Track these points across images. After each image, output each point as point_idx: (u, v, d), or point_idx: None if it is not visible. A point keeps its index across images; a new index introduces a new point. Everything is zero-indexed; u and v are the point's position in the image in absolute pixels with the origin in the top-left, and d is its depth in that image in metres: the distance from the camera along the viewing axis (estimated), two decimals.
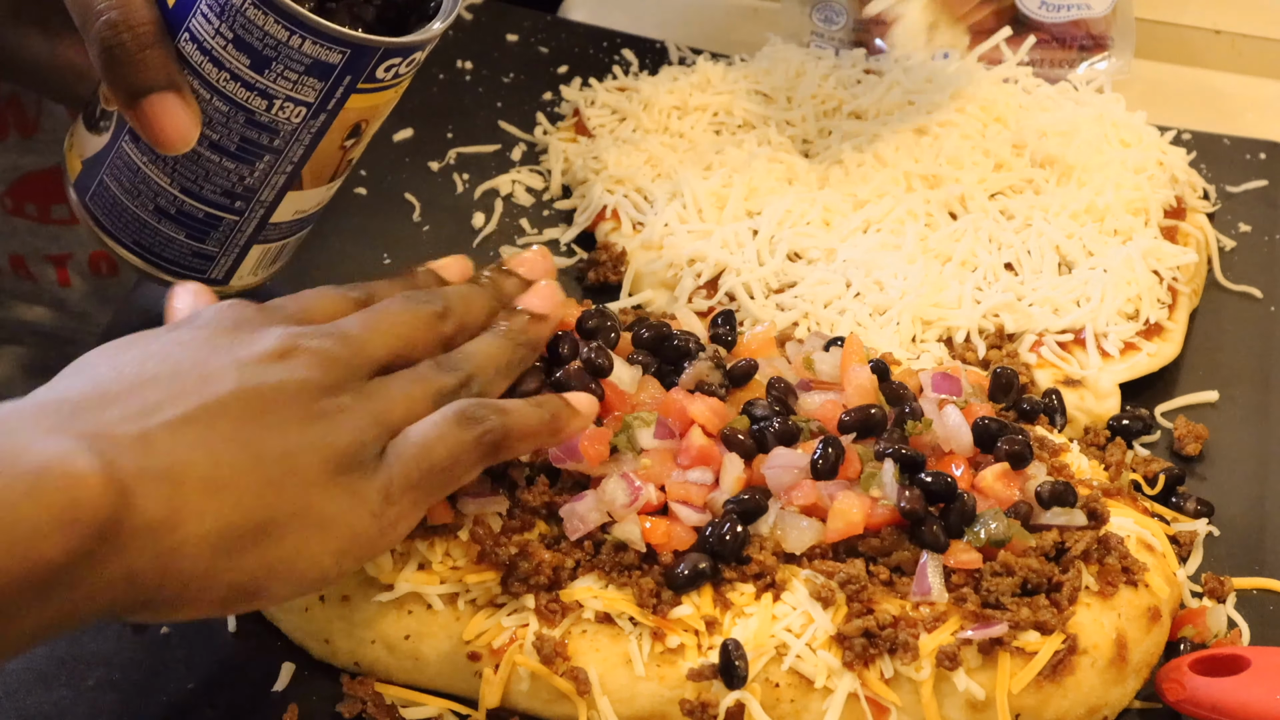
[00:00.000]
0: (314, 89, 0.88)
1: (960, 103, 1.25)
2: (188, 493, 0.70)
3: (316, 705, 0.88)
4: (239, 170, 0.91)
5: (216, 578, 0.72)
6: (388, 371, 0.82)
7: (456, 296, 0.88)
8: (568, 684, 0.84)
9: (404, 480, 0.78)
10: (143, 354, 0.76)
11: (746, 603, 0.85)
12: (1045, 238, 1.13)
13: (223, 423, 0.73)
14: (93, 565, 0.67)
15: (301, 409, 0.76)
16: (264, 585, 0.74)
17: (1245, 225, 1.25)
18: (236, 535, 0.72)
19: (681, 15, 1.45)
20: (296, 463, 0.75)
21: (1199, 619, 0.93)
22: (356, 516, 0.77)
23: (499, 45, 1.37)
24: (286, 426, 0.75)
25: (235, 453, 0.73)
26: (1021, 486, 0.90)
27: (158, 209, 0.93)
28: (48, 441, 0.67)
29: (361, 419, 0.78)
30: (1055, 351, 1.08)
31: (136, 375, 0.74)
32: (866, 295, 1.10)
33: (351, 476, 0.77)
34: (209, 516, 0.71)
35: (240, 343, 0.78)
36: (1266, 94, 1.40)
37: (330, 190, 0.97)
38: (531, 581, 0.85)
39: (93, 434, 0.69)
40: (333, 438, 0.76)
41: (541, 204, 1.23)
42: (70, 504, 0.65)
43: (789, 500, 0.87)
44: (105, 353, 0.77)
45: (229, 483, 0.72)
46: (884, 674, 0.84)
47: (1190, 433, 1.06)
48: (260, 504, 0.73)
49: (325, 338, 0.80)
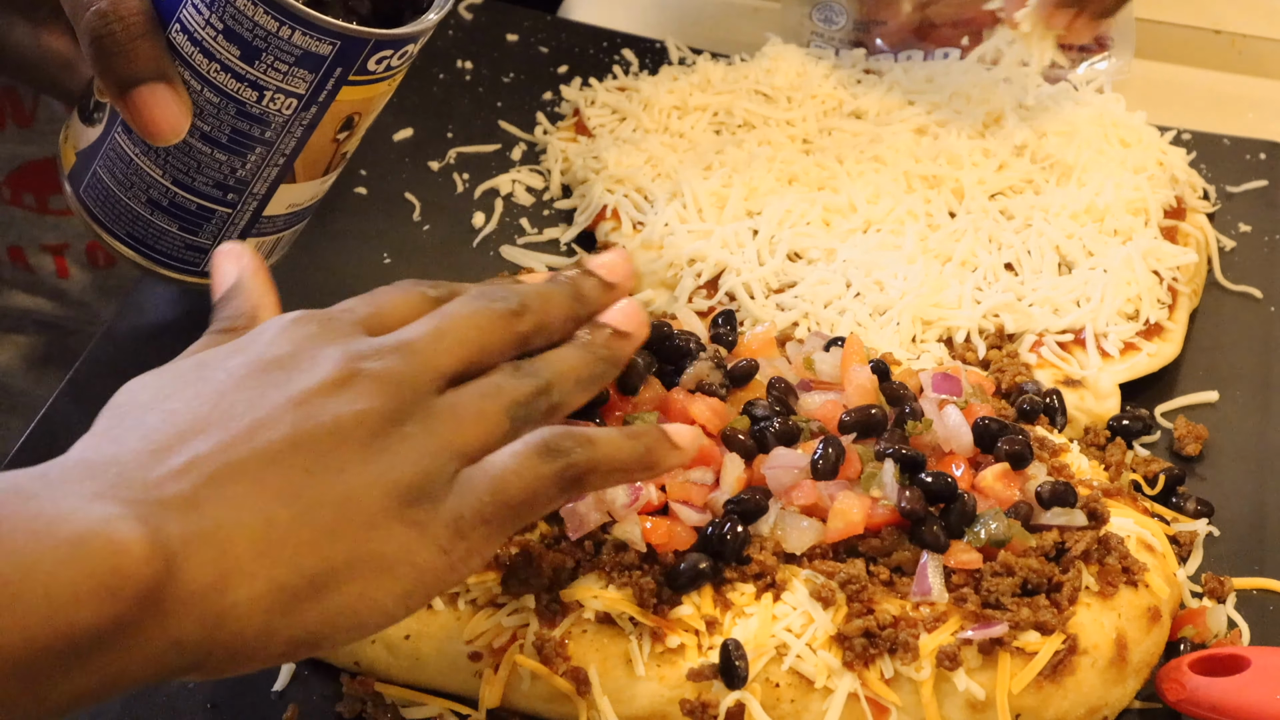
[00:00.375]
0: (305, 80, 0.88)
1: (960, 103, 1.25)
2: (237, 554, 0.67)
3: (316, 705, 0.88)
4: (231, 162, 0.91)
5: (272, 637, 0.69)
6: (459, 381, 0.77)
7: (534, 294, 0.81)
8: (568, 684, 0.84)
9: (476, 514, 0.73)
10: (195, 395, 0.72)
11: (747, 603, 0.85)
12: (1045, 238, 1.13)
13: (275, 474, 0.69)
14: (135, 634, 0.64)
15: (361, 445, 0.72)
16: (324, 637, 0.71)
17: (1245, 225, 1.25)
18: (291, 593, 0.69)
19: (681, 15, 1.45)
20: (356, 505, 0.71)
21: (1199, 619, 0.93)
22: (423, 553, 0.72)
23: (499, 45, 1.37)
24: (345, 467, 0.71)
25: (288, 505, 0.69)
26: (1021, 486, 0.90)
27: (150, 201, 0.93)
28: (92, 507, 0.65)
29: (429, 446, 0.73)
30: (1055, 351, 1.08)
31: (188, 423, 0.70)
32: (866, 295, 1.10)
33: (418, 510, 0.72)
34: (260, 578, 0.68)
35: (297, 374, 0.73)
36: (1266, 94, 1.40)
37: (324, 184, 0.97)
38: (532, 582, 0.85)
39: (138, 498, 0.66)
40: (397, 472, 0.72)
41: (541, 204, 1.23)
42: (111, 572, 0.63)
43: (789, 500, 0.87)
44: (157, 392, 0.73)
45: (281, 539, 0.68)
46: (884, 674, 0.84)
47: (1190, 433, 1.06)
48: (315, 557, 0.69)
49: (388, 356, 0.74)
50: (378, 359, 0.74)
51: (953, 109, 1.24)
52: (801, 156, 1.21)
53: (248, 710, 0.87)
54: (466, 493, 0.73)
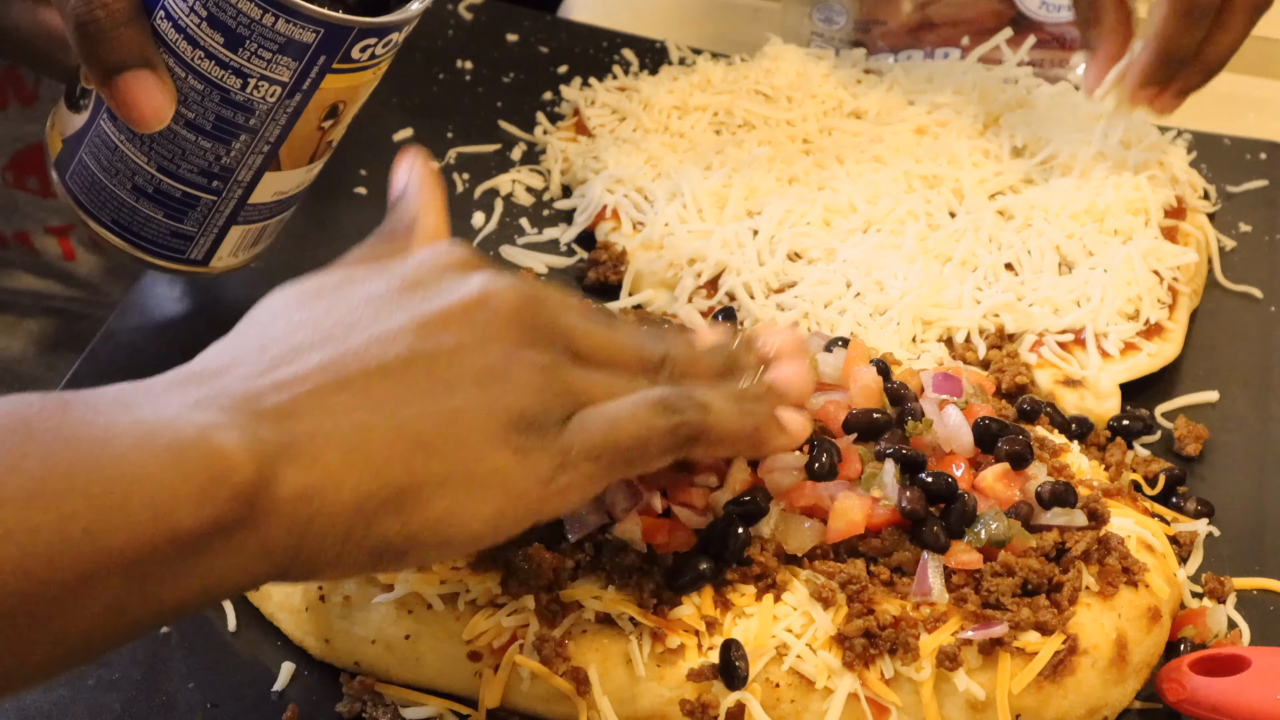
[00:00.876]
0: (288, 68, 0.88)
1: (960, 103, 1.25)
2: (327, 462, 0.69)
3: (316, 705, 0.88)
4: (215, 149, 0.91)
5: (354, 545, 0.70)
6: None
7: (684, 346, 0.81)
8: (568, 684, 0.84)
9: (584, 451, 0.74)
10: (325, 311, 0.73)
11: (747, 603, 0.85)
12: (1045, 238, 1.13)
13: (381, 386, 0.71)
14: (231, 539, 0.66)
15: (479, 370, 0.72)
16: (406, 550, 0.72)
17: (1245, 225, 1.25)
18: (376, 503, 0.70)
19: (681, 15, 1.45)
20: (459, 423, 0.71)
21: (1199, 619, 0.93)
22: (521, 479, 0.73)
23: (499, 45, 1.37)
24: (457, 389, 0.72)
25: (386, 417, 0.70)
26: (1022, 487, 0.90)
27: (135, 188, 0.93)
28: (192, 415, 0.67)
29: (549, 382, 0.74)
30: (1055, 351, 1.08)
31: (308, 336, 0.72)
32: (866, 295, 1.10)
33: (525, 437, 0.73)
34: (347, 487, 0.69)
35: (432, 294, 0.74)
36: (1266, 94, 1.40)
37: (310, 172, 0.97)
38: (531, 582, 0.85)
39: (239, 407, 0.68)
40: (510, 399, 0.72)
41: (541, 204, 1.23)
42: (208, 478, 0.65)
43: (790, 502, 0.87)
44: (294, 301, 0.75)
45: (372, 450, 0.70)
46: (884, 674, 0.84)
47: (1190, 433, 1.06)
48: (404, 470, 0.70)
49: (524, 293, 0.75)
50: (513, 292, 0.75)
51: (952, 109, 1.24)
52: (801, 156, 1.21)
53: (248, 710, 0.87)
54: (578, 430, 0.74)
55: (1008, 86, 1.27)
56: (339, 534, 0.69)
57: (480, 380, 0.72)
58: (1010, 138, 1.21)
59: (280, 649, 0.90)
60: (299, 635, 0.90)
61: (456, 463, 0.71)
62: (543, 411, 0.73)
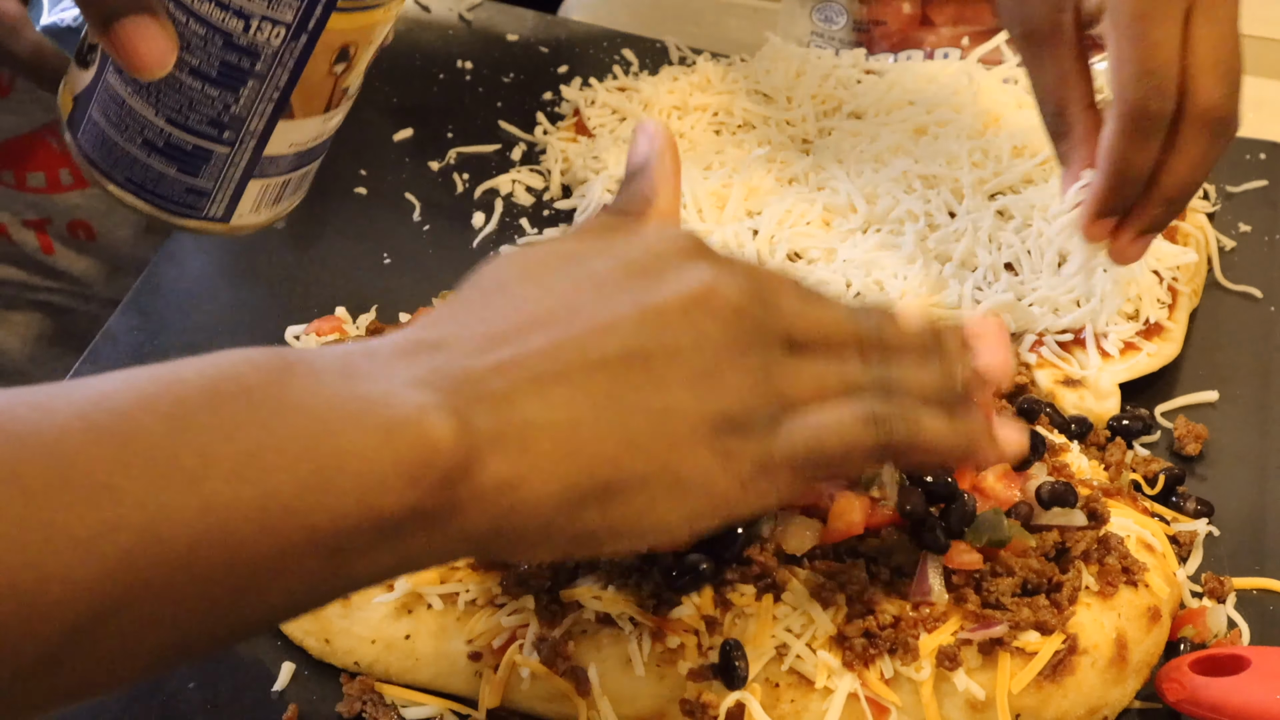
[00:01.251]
0: (291, 8, 0.86)
1: (960, 102, 1.25)
2: (537, 453, 0.68)
3: (316, 705, 0.88)
4: (223, 97, 0.89)
5: (552, 535, 0.70)
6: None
7: (891, 325, 0.79)
8: (568, 684, 0.84)
9: (786, 457, 0.73)
10: (549, 288, 0.73)
11: (746, 603, 0.85)
12: (1045, 238, 1.13)
13: (598, 380, 0.70)
14: (431, 522, 0.66)
15: (693, 369, 0.72)
16: (602, 540, 0.71)
17: (1245, 225, 1.25)
18: (580, 495, 0.69)
19: (681, 15, 1.45)
20: (669, 422, 0.71)
21: (1199, 619, 0.93)
22: (722, 480, 0.72)
23: (499, 45, 1.37)
24: (669, 387, 0.71)
25: (600, 413, 0.70)
26: (1022, 487, 0.90)
27: (146, 142, 0.91)
28: (409, 394, 0.66)
29: (759, 386, 0.73)
30: (1055, 351, 1.08)
31: (530, 315, 0.71)
32: (866, 295, 1.10)
33: (728, 439, 0.72)
34: (554, 480, 0.68)
35: (655, 283, 0.73)
36: (1266, 94, 1.40)
37: (328, 123, 0.95)
38: (531, 582, 0.85)
39: (456, 389, 0.67)
40: (720, 401, 0.72)
41: (541, 204, 1.23)
42: (417, 461, 0.65)
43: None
44: (518, 273, 0.74)
45: (583, 445, 0.69)
46: (884, 674, 0.84)
47: (1190, 433, 1.06)
48: (612, 466, 0.70)
49: (748, 289, 0.74)
50: (733, 289, 0.73)
51: (952, 109, 1.24)
52: (801, 157, 1.21)
53: (248, 710, 0.87)
54: (782, 435, 0.73)
55: (1008, 86, 1.27)
56: (541, 522, 0.69)
57: (693, 381, 0.72)
58: (1010, 138, 1.21)
59: (280, 649, 0.90)
60: (299, 635, 0.90)
61: (662, 462, 0.71)
62: (750, 415, 0.73)
